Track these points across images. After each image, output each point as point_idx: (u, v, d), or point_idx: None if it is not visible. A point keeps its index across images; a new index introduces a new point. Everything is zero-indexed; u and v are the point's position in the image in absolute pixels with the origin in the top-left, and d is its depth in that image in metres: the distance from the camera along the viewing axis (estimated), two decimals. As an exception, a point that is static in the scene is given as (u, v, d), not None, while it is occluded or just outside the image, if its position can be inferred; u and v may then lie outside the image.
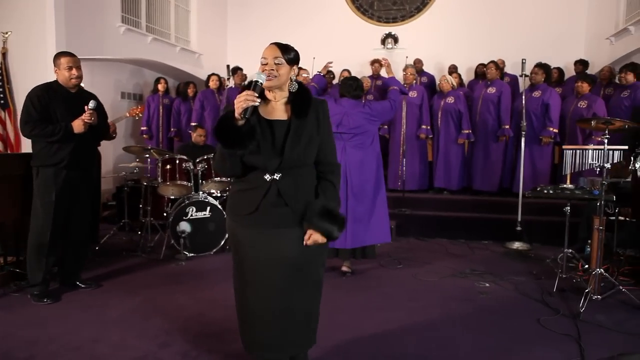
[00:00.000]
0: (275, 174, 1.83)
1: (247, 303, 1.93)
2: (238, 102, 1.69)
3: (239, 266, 1.95)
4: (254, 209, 1.84)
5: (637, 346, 2.65)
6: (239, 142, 1.74)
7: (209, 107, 6.76)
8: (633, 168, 3.36)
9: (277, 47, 1.84)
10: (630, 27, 5.96)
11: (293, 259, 1.86)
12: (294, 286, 1.88)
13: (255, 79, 1.76)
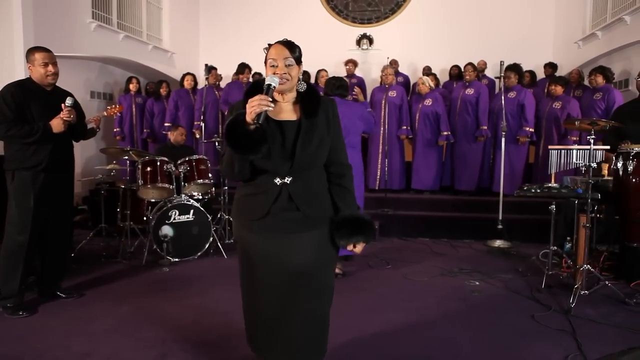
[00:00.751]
0: (286, 178, 1.76)
1: (256, 309, 1.86)
2: (251, 107, 1.61)
3: (247, 272, 1.87)
4: (264, 214, 1.77)
5: (627, 339, 2.74)
6: (251, 147, 1.65)
7: (184, 107, 6.58)
8: (615, 167, 3.48)
9: (284, 46, 1.77)
10: (598, 32, 6.21)
11: (305, 265, 1.79)
12: (305, 293, 1.81)
13: (268, 83, 1.68)
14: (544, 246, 4.54)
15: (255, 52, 8.31)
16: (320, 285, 1.85)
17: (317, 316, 1.87)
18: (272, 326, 1.83)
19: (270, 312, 1.83)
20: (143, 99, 6.89)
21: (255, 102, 1.60)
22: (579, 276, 3.43)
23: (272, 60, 1.76)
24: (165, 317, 3.01)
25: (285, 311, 1.81)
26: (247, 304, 1.92)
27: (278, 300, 1.80)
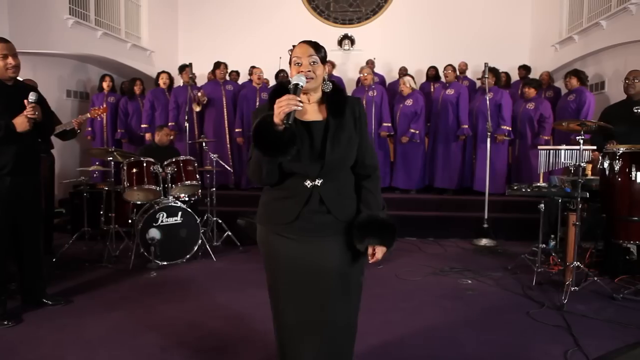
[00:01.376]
0: (317, 180, 1.72)
1: (287, 319, 1.79)
2: (279, 107, 1.55)
3: (276, 279, 1.81)
4: (294, 218, 1.72)
5: (620, 333, 2.83)
6: (280, 148, 1.59)
7: (160, 107, 6.40)
8: (602, 167, 3.59)
9: (309, 45, 1.73)
10: (575, 36, 6.41)
11: (336, 268, 1.75)
12: (336, 298, 1.77)
13: (295, 82, 1.65)
14: (528, 244, 4.68)
15: (235, 51, 8.38)
16: (351, 291, 1.81)
17: (346, 322, 1.83)
18: (301, 333, 1.79)
19: (300, 318, 1.77)
20: (116, 98, 6.66)
21: (283, 102, 1.55)
22: (568, 273, 3.52)
23: (296, 59, 1.72)
24: (162, 323, 2.93)
25: (316, 317, 1.76)
26: (276, 310, 1.84)
27: (307, 307, 1.76)
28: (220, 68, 6.38)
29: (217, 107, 6.25)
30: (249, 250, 4.80)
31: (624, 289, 3.49)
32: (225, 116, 6.32)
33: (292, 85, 1.63)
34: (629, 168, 3.40)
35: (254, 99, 6.24)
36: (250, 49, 8.36)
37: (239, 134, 6.22)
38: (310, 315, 1.76)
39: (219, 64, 6.43)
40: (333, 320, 1.77)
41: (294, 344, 1.81)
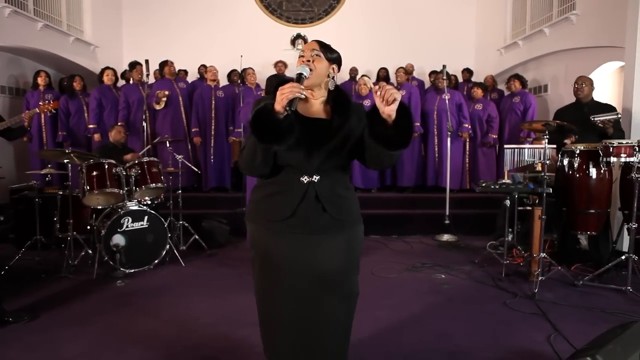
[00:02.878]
0: (314, 176, 1.71)
1: (277, 318, 1.75)
2: (282, 94, 1.53)
3: (267, 279, 1.76)
4: (289, 214, 1.69)
5: (589, 316, 3.07)
6: (278, 135, 1.57)
7: (109, 105, 6.01)
8: (561, 164, 3.87)
9: (316, 42, 1.76)
10: (519, 42, 6.84)
11: (332, 270, 1.72)
12: (330, 299, 1.74)
13: (299, 72, 1.64)
14: (485, 238, 4.95)
15: (184, 49, 8.09)
16: (346, 292, 1.79)
17: (341, 324, 1.80)
18: (294, 335, 1.74)
19: (293, 320, 1.73)
20: (54, 96, 6.11)
21: (286, 89, 1.53)
22: (534, 264, 3.76)
23: (301, 52, 1.74)
24: (145, 335, 2.76)
25: (310, 319, 1.73)
26: (266, 312, 1.80)
27: (302, 307, 1.72)
28: (168, 65, 6.11)
29: (173, 105, 6.00)
30: (216, 254, 4.66)
31: (581, 276, 3.78)
32: (183, 115, 6.08)
33: (297, 74, 1.63)
34: (586, 165, 3.69)
35: (209, 97, 6.06)
36: (199, 47, 8.11)
37: (196, 133, 6.02)
38: (305, 316, 1.72)
39: (166, 61, 6.16)
40: (328, 320, 1.75)
41: (288, 344, 1.76)
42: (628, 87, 4.30)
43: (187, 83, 6.36)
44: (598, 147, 3.58)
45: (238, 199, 5.72)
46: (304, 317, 1.72)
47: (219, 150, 6.10)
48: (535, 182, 4.12)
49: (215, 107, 6.04)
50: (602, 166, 3.62)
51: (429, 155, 6.24)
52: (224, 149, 6.16)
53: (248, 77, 6.24)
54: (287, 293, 1.72)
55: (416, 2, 8.57)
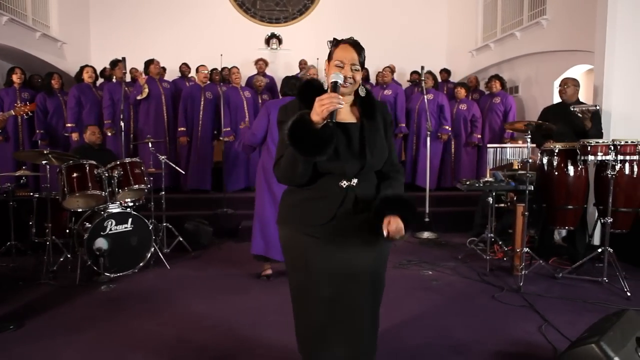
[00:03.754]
0: (353, 180, 1.73)
1: (319, 321, 1.77)
2: (322, 105, 1.53)
3: (307, 280, 1.77)
4: (330, 218, 1.72)
5: (574, 307, 3.23)
6: (320, 148, 1.58)
7: (88, 104, 5.83)
8: (541, 162, 4.04)
9: (353, 49, 1.72)
10: (491, 44, 7.08)
11: (368, 267, 1.78)
12: (368, 294, 1.81)
13: (334, 80, 1.64)
14: (463, 235, 5.11)
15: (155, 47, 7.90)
16: (380, 286, 1.86)
17: (374, 317, 1.87)
18: (333, 333, 1.78)
19: (332, 318, 1.76)
20: (31, 94, 5.91)
21: (326, 100, 1.53)
22: (517, 258, 3.91)
23: (338, 62, 1.70)
24: (145, 340, 2.69)
25: (348, 316, 1.77)
26: (305, 313, 1.81)
27: (341, 306, 1.75)
28: (154, 64, 5.99)
29: (155, 105, 5.85)
30: (200, 256, 4.59)
31: (559, 269, 3.96)
32: (165, 115, 5.93)
33: (332, 82, 1.63)
34: (565, 163, 3.88)
35: (198, 97, 5.97)
36: (172, 45, 7.94)
37: (183, 133, 5.90)
38: (343, 315, 1.76)
39: (152, 60, 6.03)
40: (363, 319, 1.80)
41: (325, 344, 1.79)
42: (598, 89, 4.54)
43: (171, 83, 6.21)
44: (576, 146, 3.76)
45: (219, 199, 5.65)
46: (343, 315, 1.74)
47: (203, 151, 6.00)
48: (513, 180, 4.29)
49: (204, 108, 5.95)
50: (580, 164, 3.81)
51: (407, 154, 6.37)
52: (208, 151, 6.06)
53: (233, 76, 6.16)
54: (326, 293, 1.74)
55: (389, 4, 8.70)
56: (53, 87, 5.90)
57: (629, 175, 3.73)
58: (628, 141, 3.57)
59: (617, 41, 4.41)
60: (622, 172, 3.71)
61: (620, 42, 4.41)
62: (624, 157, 3.58)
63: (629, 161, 3.67)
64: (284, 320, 2.86)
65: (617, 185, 3.65)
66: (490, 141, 6.01)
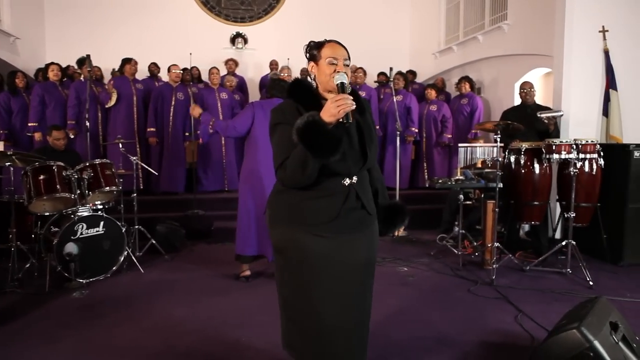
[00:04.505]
0: (354, 178, 1.77)
1: (325, 318, 1.78)
2: (339, 106, 1.56)
3: (310, 278, 1.78)
4: (335, 216, 1.75)
5: (541, 297, 3.41)
6: (334, 148, 1.60)
7: (53, 103, 5.57)
8: (508, 161, 4.24)
9: (342, 47, 1.79)
10: (454, 47, 7.33)
11: (367, 260, 1.84)
12: (365, 289, 1.86)
13: (341, 81, 1.67)
14: (432, 232, 5.28)
15: (115, 45, 7.64)
16: (371, 281, 1.91)
17: (368, 312, 1.92)
18: (341, 331, 1.80)
19: (339, 316, 1.78)
20: None
21: (341, 101, 1.56)
22: (488, 253, 4.09)
23: (331, 59, 1.74)
24: (127, 346, 2.62)
25: (352, 312, 1.80)
26: (306, 311, 1.81)
27: (347, 301, 1.79)
28: (131, 64, 5.78)
29: (126, 106, 5.65)
30: (174, 258, 4.49)
31: (526, 262, 4.17)
32: (136, 117, 5.74)
33: (339, 83, 1.67)
34: (531, 162, 4.09)
35: (169, 97, 5.83)
36: (133, 43, 7.67)
37: (153, 133, 5.74)
38: (347, 309, 1.79)
39: (129, 59, 5.81)
40: (363, 313, 1.86)
41: (331, 340, 1.81)
42: (557, 92, 4.81)
43: (145, 83, 6.01)
44: (541, 145, 3.97)
45: (189, 201, 5.54)
46: (346, 309, 1.77)
47: (174, 152, 5.85)
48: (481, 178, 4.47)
49: (175, 108, 5.81)
50: (545, 162, 4.02)
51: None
52: (179, 151, 5.91)
53: (212, 77, 6.06)
54: (330, 290, 1.76)
55: (353, 6, 8.81)
56: (17, 86, 5.62)
57: (589, 172, 3.99)
58: (588, 140, 3.81)
59: (574, 46, 4.69)
60: (582, 169, 3.96)
61: (577, 47, 4.70)
62: (584, 156, 3.81)
63: (589, 159, 3.92)
64: (270, 321, 2.88)
65: (578, 182, 3.88)
66: (457, 141, 6.21)
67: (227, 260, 4.24)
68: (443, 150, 6.41)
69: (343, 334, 1.80)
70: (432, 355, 2.52)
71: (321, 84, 1.78)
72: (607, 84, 4.73)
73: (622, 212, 4.14)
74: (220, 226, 5.29)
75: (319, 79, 1.79)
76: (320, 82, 1.79)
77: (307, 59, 1.85)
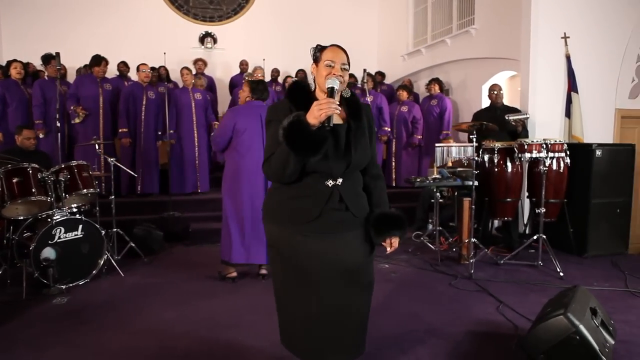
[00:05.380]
0: (338, 180, 1.81)
1: (307, 313, 1.85)
2: (321, 110, 1.63)
3: (293, 276, 1.84)
4: (317, 216, 1.79)
5: (518, 288, 3.61)
6: (315, 148, 1.66)
7: (15, 102, 5.34)
8: (482, 160, 4.43)
9: (343, 51, 1.84)
10: (422, 49, 7.55)
11: (356, 262, 1.87)
12: (356, 290, 1.90)
13: (331, 86, 1.73)
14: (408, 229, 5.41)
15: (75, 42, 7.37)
16: (367, 281, 1.94)
17: (363, 312, 1.96)
18: (322, 326, 1.85)
19: (321, 313, 1.84)
20: None
21: (324, 104, 1.63)
22: (465, 248, 4.26)
23: (329, 62, 1.79)
24: (121, 350, 2.57)
25: (337, 310, 1.85)
26: (291, 308, 1.88)
27: (332, 300, 1.84)
28: (101, 65, 5.51)
29: (92, 108, 5.45)
30: (153, 261, 4.41)
31: (500, 256, 4.37)
32: (101, 119, 5.54)
33: (329, 88, 1.74)
34: (504, 160, 4.29)
35: (140, 97, 5.67)
36: (97, 41, 7.44)
37: (125, 134, 5.57)
38: (333, 307, 1.85)
39: (100, 59, 5.54)
40: (350, 312, 1.89)
41: (317, 337, 1.86)
42: (524, 94, 5.07)
43: (114, 83, 5.81)
44: (513, 145, 4.19)
45: (165, 203, 5.44)
46: (332, 309, 1.83)
47: (147, 153, 5.72)
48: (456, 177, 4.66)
49: (147, 108, 5.67)
50: (517, 161, 4.24)
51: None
52: (152, 152, 5.78)
53: (183, 77, 5.94)
54: (315, 289, 1.81)
55: (322, 7, 8.90)
56: None
57: (557, 170, 4.24)
58: (557, 140, 4.06)
59: (539, 51, 4.97)
60: (551, 167, 4.21)
61: (541, 52, 4.97)
62: (553, 155, 4.06)
63: (557, 158, 4.17)
64: (262, 320, 2.93)
65: (547, 179, 4.12)
66: (426, 141, 6.41)
67: (209, 262, 4.22)
68: (413, 151, 6.56)
69: (324, 328, 1.85)
70: (425, 346, 2.63)
71: (318, 85, 1.85)
72: (569, 87, 5.03)
73: (586, 207, 4.43)
74: (197, 228, 5.23)
75: (317, 80, 1.85)
76: (317, 83, 1.85)
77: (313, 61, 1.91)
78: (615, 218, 4.54)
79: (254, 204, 3.61)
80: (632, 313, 3.13)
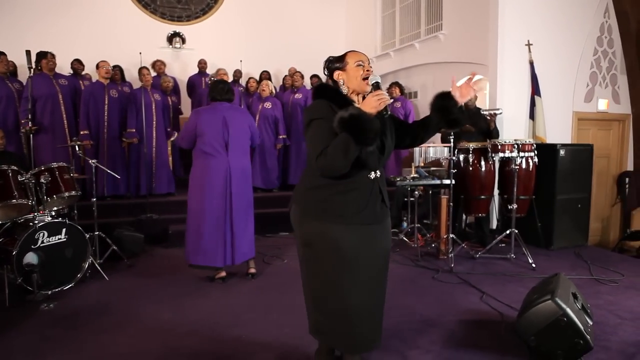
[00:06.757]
0: (377, 172, 1.99)
1: (358, 303, 1.96)
2: (380, 100, 1.78)
3: (342, 268, 1.94)
4: (363, 208, 1.93)
5: (496, 280, 3.84)
6: (376, 136, 1.80)
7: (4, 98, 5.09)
8: (458, 159, 4.66)
9: (365, 55, 2.04)
10: (391, 52, 7.78)
11: (387, 247, 2.08)
12: (385, 275, 2.12)
13: (377, 80, 1.89)
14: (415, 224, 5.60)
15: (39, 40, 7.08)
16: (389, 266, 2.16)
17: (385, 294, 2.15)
18: (371, 314, 2.01)
19: (370, 301, 2.00)
20: None
21: (377, 96, 1.79)
22: (443, 244, 4.48)
23: (359, 62, 1.97)
24: (129, 351, 2.56)
25: (380, 295, 2.06)
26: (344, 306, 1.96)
27: (375, 286, 2.02)
28: (48, 58, 5.31)
29: (52, 106, 5.22)
30: (135, 264, 4.35)
31: (475, 251, 4.62)
32: (65, 117, 5.34)
33: (375, 82, 1.89)
34: (478, 160, 4.55)
35: (102, 96, 5.49)
36: (54, 38, 7.13)
37: (87, 136, 5.37)
38: (372, 293, 2.02)
39: (45, 53, 5.36)
40: (384, 293, 2.10)
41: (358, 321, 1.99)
42: (492, 97, 5.38)
43: (69, 79, 5.60)
44: (487, 145, 4.45)
45: (141, 205, 5.35)
46: (378, 295, 2.01)
47: (113, 154, 5.57)
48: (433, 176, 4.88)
49: (109, 107, 5.50)
50: (490, 160, 4.51)
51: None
52: (118, 153, 5.64)
53: (143, 78, 5.81)
54: (359, 275, 1.95)
55: (290, 8, 8.98)
56: None
57: (526, 169, 4.54)
58: (526, 141, 4.35)
59: (505, 57, 5.29)
60: (521, 166, 4.49)
61: (507, 58, 5.30)
62: (523, 154, 4.34)
63: (526, 157, 4.47)
64: (260, 317, 3.00)
65: (518, 177, 4.40)
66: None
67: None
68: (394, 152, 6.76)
69: (369, 314, 2.00)
70: (424, 335, 2.78)
71: (351, 87, 1.97)
72: (533, 91, 5.39)
73: (551, 203, 4.77)
74: (177, 230, 5.17)
75: (348, 83, 1.97)
76: (350, 85, 1.97)
77: (328, 72, 2.04)
78: (577, 213, 4.91)
79: (219, 205, 3.67)
80: (600, 298, 3.43)
